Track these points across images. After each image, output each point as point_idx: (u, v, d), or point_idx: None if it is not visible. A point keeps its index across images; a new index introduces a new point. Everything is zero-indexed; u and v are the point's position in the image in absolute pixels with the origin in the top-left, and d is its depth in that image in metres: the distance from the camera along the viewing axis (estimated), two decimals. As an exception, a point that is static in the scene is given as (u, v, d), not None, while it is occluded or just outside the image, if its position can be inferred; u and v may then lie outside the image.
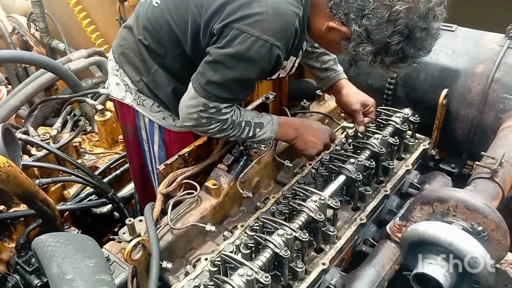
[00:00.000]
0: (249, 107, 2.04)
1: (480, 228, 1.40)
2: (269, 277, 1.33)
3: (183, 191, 1.71)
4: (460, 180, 2.07)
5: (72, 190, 2.50)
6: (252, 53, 1.50)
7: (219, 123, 1.64)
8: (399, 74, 1.62)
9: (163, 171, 1.76)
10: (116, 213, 2.50)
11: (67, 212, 2.41)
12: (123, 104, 1.92)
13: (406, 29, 1.45)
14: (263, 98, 2.11)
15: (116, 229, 2.55)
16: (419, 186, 1.94)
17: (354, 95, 1.96)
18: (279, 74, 1.82)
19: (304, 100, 2.23)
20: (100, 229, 2.60)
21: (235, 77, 1.55)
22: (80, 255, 1.20)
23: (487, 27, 2.28)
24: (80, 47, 3.81)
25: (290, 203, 1.62)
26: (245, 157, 1.84)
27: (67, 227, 2.21)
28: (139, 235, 1.47)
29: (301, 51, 1.78)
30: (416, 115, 2.04)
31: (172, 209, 1.63)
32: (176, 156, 1.82)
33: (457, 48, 2.16)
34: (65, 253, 1.18)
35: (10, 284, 2.07)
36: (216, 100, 1.59)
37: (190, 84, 1.62)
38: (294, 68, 1.87)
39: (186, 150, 1.86)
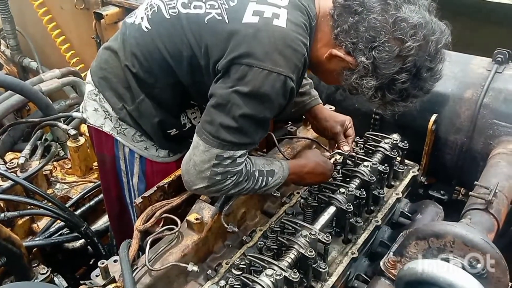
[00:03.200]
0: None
1: (479, 266, 1.33)
2: (258, 325, 1.23)
3: (162, 227, 1.58)
4: (449, 206, 2.02)
5: (41, 223, 2.33)
6: (266, 89, 1.39)
7: (234, 176, 1.49)
8: (394, 113, 1.57)
9: (140, 204, 1.64)
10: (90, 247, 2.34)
11: (36, 248, 2.23)
12: (101, 132, 1.79)
13: (414, 67, 1.40)
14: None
15: (91, 263, 2.39)
16: (410, 215, 1.89)
17: (333, 118, 1.90)
18: None
19: (290, 124, 2.15)
20: (73, 264, 2.43)
21: (250, 117, 1.42)
22: (43, 312, 1.06)
23: (470, 51, 2.26)
24: (53, 66, 3.68)
25: (278, 238, 1.52)
26: (229, 187, 1.73)
27: (36, 265, 2.04)
28: (114, 279, 1.34)
29: None
30: (405, 141, 1.98)
31: (150, 247, 1.49)
32: (154, 188, 1.70)
33: (445, 72, 2.07)
34: (26, 309, 1.04)
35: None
36: (231, 147, 1.44)
37: (196, 139, 1.47)
38: None
39: (165, 180, 1.74)
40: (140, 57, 1.61)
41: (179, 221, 1.57)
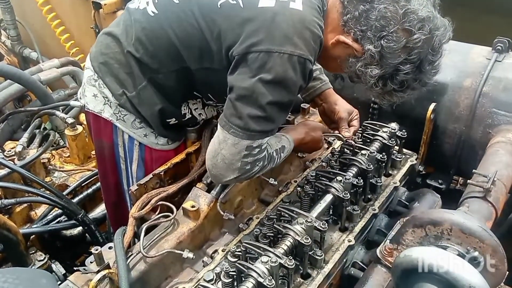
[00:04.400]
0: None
1: (476, 253, 1.32)
2: (252, 311, 1.22)
3: (158, 214, 1.58)
4: (447, 195, 2.02)
5: (39, 211, 2.33)
6: (289, 73, 1.40)
7: (261, 162, 1.52)
8: (390, 103, 1.59)
9: (135, 192, 1.63)
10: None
11: (34, 235, 2.23)
12: (100, 117, 1.77)
13: (418, 60, 1.43)
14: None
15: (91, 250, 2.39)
16: (407, 203, 1.88)
17: (342, 104, 1.93)
18: None
19: (289, 114, 2.14)
20: (72, 251, 2.43)
21: (276, 103, 1.43)
22: (31, 297, 1.05)
23: (470, 40, 2.24)
24: (54, 56, 3.67)
25: (274, 225, 1.52)
26: (226, 175, 1.72)
27: (33, 252, 2.04)
28: (108, 266, 1.34)
29: None
30: (403, 130, 1.97)
31: (145, 234, 1.49)
32: (150, 175, 1.70)
33: (444, 61, 2.06)
34: (13, 294, 1.03)
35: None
36: (260, 136, 1.46)
37: (223, 133, 1.47)
38: None
39: (162, 168, 1.74)
40: (145, 42, 1.60)
41: (174, 209, 1.57)
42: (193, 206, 1.60)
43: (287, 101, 1.47)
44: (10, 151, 2.41)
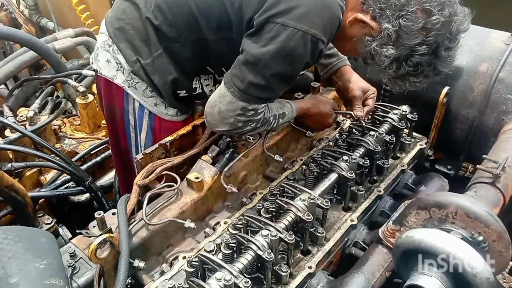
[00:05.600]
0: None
1: (480, 238, 1.29)
2: (249, 282, 1.23)
3: (162, 183, 1.59)
4: (455, 182, 1.98)
5: (49, 176, 2.37)
6: (299, 49, 1.42)
7: (254, 123, 1.58)
8: (401, 89, 1.58)
9: (141, 160, 1.64)
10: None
11: (43, 199, 2.27)
12: (112, 83, 1.78)
13: (435, 43, 1.42)
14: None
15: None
16: (414, 187, 1.86)
17: (357, 82, 1.92)
18: None
19: (299, 93, 2.12)
20: (80, 217, 2.47)
21: (280, 75, 1.47)
22: (30, 255, 1.07)
23: (487, 27, 2.17)
24: (70, 26, 3.68)
25: (277, 200, 1.51)
26: (231, 149, 1.72)
27: (41, 215, 2.08)
28: (110, 230, 1.35)
29: None
30: (414, 113, 1.94)
31: (149, 203, 1.51)
32: (156, 145, 1.70)
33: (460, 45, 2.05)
34: (12, 251, 1.05)
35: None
36: (256, 101, 1.51)
37: (224, 88, 1.52)
38: None
39: (168, 139, 1.74)
40: (165, 9, 1.60)
41: (178, 179, 1.58)
42: (197, 178, 1.61)
43: (291, 74, 1.50)
44: (22, 116, 2.44)
